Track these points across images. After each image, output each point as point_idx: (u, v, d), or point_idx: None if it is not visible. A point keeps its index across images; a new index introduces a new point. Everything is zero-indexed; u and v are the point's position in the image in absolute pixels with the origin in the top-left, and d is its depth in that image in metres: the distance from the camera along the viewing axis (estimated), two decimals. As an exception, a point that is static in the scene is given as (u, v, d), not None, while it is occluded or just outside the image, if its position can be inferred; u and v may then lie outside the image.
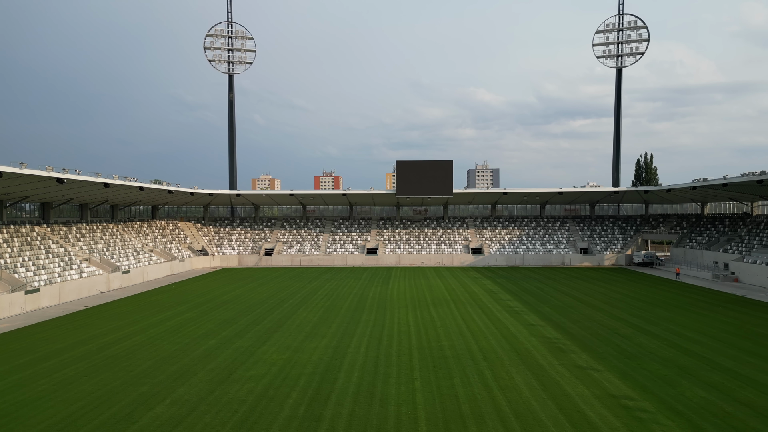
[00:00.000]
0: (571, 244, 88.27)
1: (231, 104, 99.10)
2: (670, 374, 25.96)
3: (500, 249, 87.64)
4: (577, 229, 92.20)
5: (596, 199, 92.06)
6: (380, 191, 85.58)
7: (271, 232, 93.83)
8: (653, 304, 46.15)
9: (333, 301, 48.99)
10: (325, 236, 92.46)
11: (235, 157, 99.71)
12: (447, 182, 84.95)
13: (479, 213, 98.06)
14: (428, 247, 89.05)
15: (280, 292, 54.74)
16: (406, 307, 45.18)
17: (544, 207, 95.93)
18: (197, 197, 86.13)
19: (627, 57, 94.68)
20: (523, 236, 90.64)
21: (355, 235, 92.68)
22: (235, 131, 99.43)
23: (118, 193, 68.21)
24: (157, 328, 37.50)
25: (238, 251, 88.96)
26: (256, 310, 44.57)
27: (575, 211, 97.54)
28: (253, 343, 32.80)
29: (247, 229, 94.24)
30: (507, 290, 55.39)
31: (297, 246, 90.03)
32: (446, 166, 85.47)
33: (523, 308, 44.50)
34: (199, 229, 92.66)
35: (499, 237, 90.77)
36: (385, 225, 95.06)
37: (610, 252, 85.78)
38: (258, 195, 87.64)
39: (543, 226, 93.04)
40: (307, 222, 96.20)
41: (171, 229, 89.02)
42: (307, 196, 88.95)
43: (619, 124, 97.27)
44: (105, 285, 58.20)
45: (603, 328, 36.67)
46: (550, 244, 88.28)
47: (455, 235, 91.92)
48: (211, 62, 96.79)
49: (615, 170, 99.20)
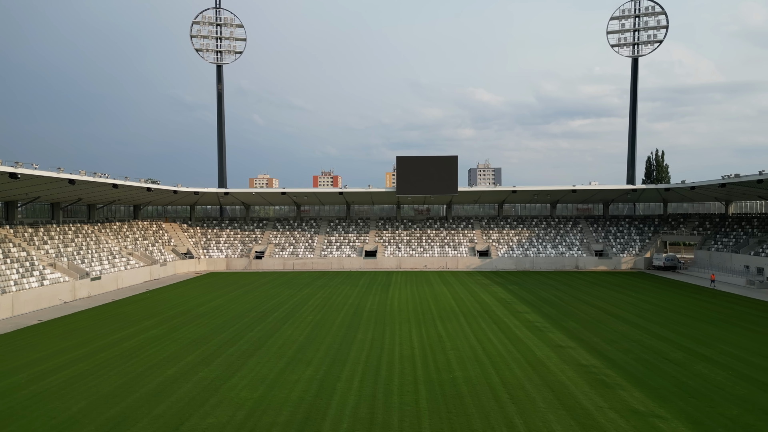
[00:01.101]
0: (584, 247, 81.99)
1: (220, 96, 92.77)
2: (757, 423, 19.70)
3: (508, 251, 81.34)
4: (590, 230, 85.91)
5: (611, 197, 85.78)
6: (379, 189, 79.32)
7: (263, 233, 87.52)
8: (695, 318, 39.87)
9: (325, 313, 42.70)
10: (320, 238, 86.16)
11: (224, 153, 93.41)
12: (451, 179, 78.65)
13: (485, 213, 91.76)
14: (431, 249, 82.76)
15: (266, 302, 48.45)
16: (408, 322, 38.89)
17: (554, 206, 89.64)
18: (182, 196, 79.83)
19: (644, 45, 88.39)
20: (533, 237, 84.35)
21: (352, 236, 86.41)
22: (224, 126, 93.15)
23: (90, 191, 61.89)
24: (111, 351, 31.20)
25: (227, 254, 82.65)
26: (234, 325, 38.27)
27: (588, 210, 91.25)
28: (220, 373, 26.51)
29: (236, 231, 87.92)
30: (522, 299, 49.11)
31: (290, 248, 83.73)
32: (450, 162, 79.19)
33: (545, 323, 38.23)
34: (185, 230, 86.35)
35: (507, 239, 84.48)
36: (385, 226, 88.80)
37: (628, 255, 79.49)
38: (248, 194, 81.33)
39: (554, 227, 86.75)
40: (301, 222, 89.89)
41: (154, 230, 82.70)
42: (300, 194, 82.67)
43: (635, 118, 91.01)
44: (70, 294, 51.87)
45: (647, 350, 30.39)
46: (562, 247, 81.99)
47: (460, 236, 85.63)
48: (198, 51, 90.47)
49: (630, 167, 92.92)
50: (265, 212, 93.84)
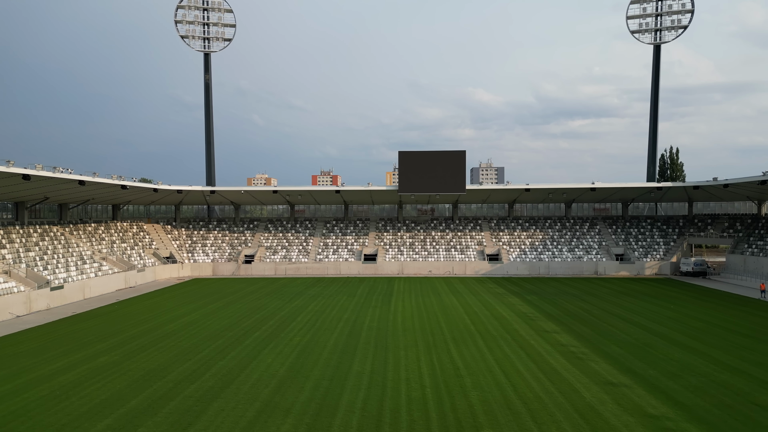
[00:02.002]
0: (603, 250, 75.15)
1: (207, 87, 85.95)
2: None
3: (521, 255, 74.49)
4: (609, 232, 79.07)
5: (631, 196, 78.95)
6: (380, 187, 72.51)
7: (253, 235, 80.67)
8: (761, 340, 33.04)
9: (315, 332, 35.89)
10: (316, 240, 79.32)
11: (212, 148, 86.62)
12: (458, 177, 71.82)
13: (494, 213, 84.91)
14: (436, 253, 75.91)
15: (248, 318, 41.62)
16: (416, 346, 32.07)
17: (569, 206, 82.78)
18: (164, 195, 73.01)
19: (667, 31, 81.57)
20: (547, 240, 77.50)
21: (350, 238, 79.58)
22: (212, 119, 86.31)
23: (55, 189, 55.12)
24: (35, 391, 24.38)
25: (213, 258, 75.80)
26: (203, 350, 31.46)
27: (605, 210, 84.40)
28: (167, 429, 19.68)
29: (225, 232, 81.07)
30: (545, 314, 42.27)
31: (282, 252, 76.88)
32: (458, 157, 72.36)
33: (582, 347, 31.40)
34: (169, 232, 79.51)
35: (519, 241, 77.61)
36: (386, 227, 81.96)
37: (651, 259, 72.65)
38: (236, 192, 74.47)
39: (569, 229, 79.89)
40: (295, 224, 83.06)
41: (134, 232, 75.86)
42: (294, 193, 75.83)
43: (656, 111, 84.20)
44: (24, 306, 45.05)
45: (724, 390, 23.56)
46: (579, 250, 75.14)
47: (467, 238, 78.78)
48: (184, 38, 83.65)
49: (651, 163, 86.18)
50: (256, 212, 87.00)
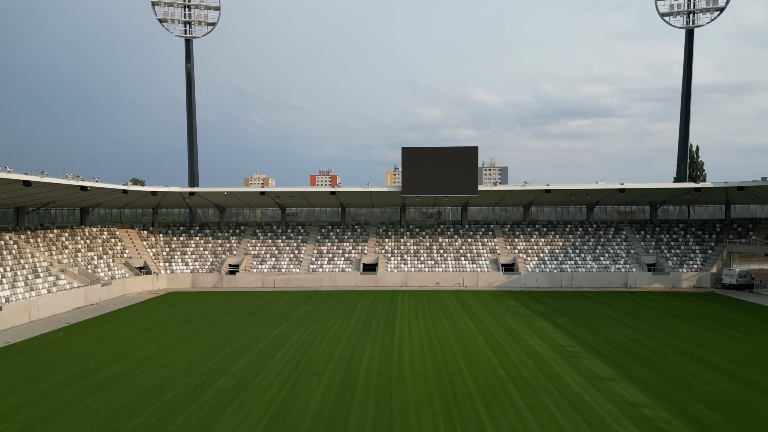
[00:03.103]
0: (632, 258, 66.69)
1: (189, 77, 77.51)
2: None
3: (540, 265, 66.03)
4: (637, 238, 70.60)
5: (662, 198, 70.55)
6: (380, 188, 64.16)
7: (239, 241, 72.21)
8: None
9: (296, 381, 27.44)
10: (309, 247, 70.86)
11: (195, 145, 78.21)
12: (470, 177, 63.39)
13: (508, 217, 76.40)
14: (444, 262, 67.45)
15: (217, 353, 33.18)
16: (431, 406, 23.61)
17: (592, 209, 74.28)
18: (137, 197, 64.62)
19: (701, 14, 73.10)
20: (568, 247, 69.04)
21: (347, 245, 71.11)
22: (194, 113, 77.87)
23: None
24: None
25: (193, 268, 67.35)
26: (141, 413, 23.02)
27: (632, 214, 75.93)
28: None
29: (207, 238, 72.61)
30: (588, 347, 33.82)
31: (271, 261, 68.43)
32: (468, 154, 63.90)
33: (657, 408, 22.97)
34: (145, 238, 71.02)
35: (537, 249, 69.15)
36: (387, 232, 73.49)
37: (688, 269, 64.23)
38: (219, 194, 66.00)
39: (592, 234, 71.42)
40: (286, 228, 74.58)
41: (104, 238, 67.43)
42: (284, 194, 67.40)
43: (689, 103, 75.90)
44: (-58, 336, 36.63)
45: None
46: (605, 259, 66.69)
47: (479, 245, 70.32)
48: (162, 22, 75.19)
49: (681, 161, 77.91)
50: (243, 216, 78.45)
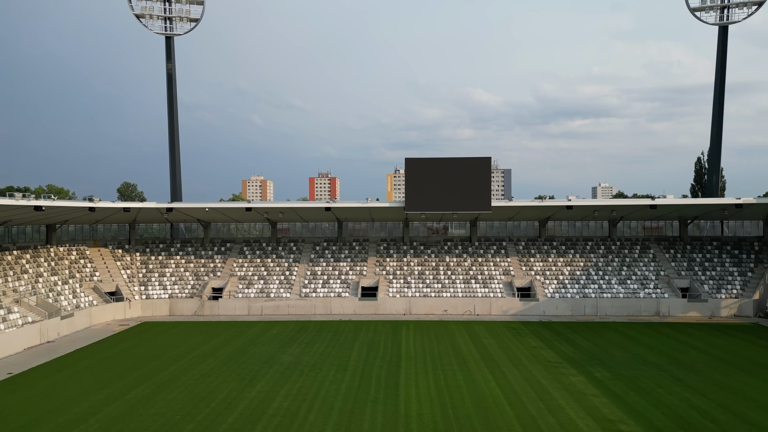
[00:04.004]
0: (663, 282, 59.59)
1: (170, 78, 70.33)
2: None
3: (559, 289, 58.93)
4: (666, 258, 63.47)
5: (694, 213, 63.52)
6: (381, 204, 57.14)
7: (224, 261, 65.07)
8: None
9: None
10: (302, 268, 63.73)
11: (177, 154, 71.06)
12: (482, 191, 56.28)
13: (522, 233, 69.22)
14: (452, 285, 60.34)
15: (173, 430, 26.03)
16: None
17: (614, 225, 67.10)
18: (108, 213, 57.55)
19: (736, 9, 66.02)
20: (590, 268, 61.94)
21: (344, 265, 63.98)
22: (176, 118, 70.70)
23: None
24: None
25: (172, 292, 60.22)
26: None
27: (659, 230, 68.74)
28: None
29: (189, 257, 65.46)
30: (643, 422, 26.66)
31: (259, 284, 61.32)
32: (480, 166, 56.78)
33: None
34: (119, 258, 63.87)
35: (555, 270, 62.03)
36: (388, 250, 66.34)
37: (727, 295, 57.14)
38: (200, 210, 58.86)
39: (616, 253, 64.29)
40: (277, 246, 67.42)
41: (72, 259, 60.28)
42: (273, 210, 60.34)
43: (722, 106, 68.88)
44: None
45: None
46: (632, 282, 59.58)
47: (490, 266, 63.21)
48: (140, 18, 68.02)
49: (713, 170, 70.74)
50: (229, 232, 71.23)
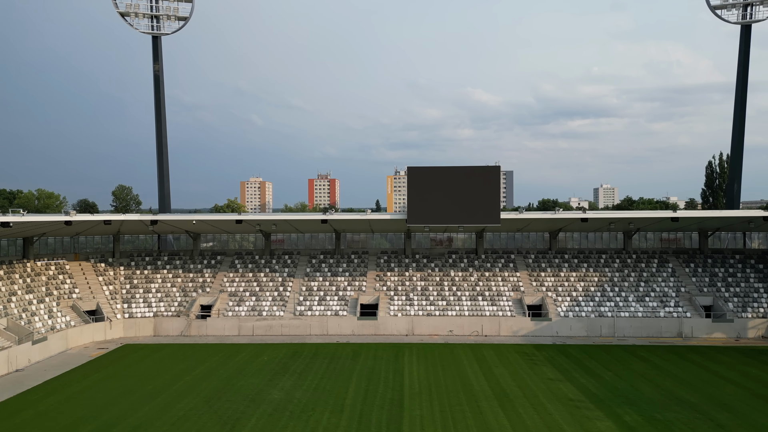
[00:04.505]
0: (684, 299, 55.55)
1: (157, 81, 66.21)
2: None
3: (573, 307, 54.87)
4: (686, 272, 59.42)
5: (715, 225, 59.49)
6: (381, 216, 53.30)
7: (215, 275, 61.00)
8: None
9: None
10: (297, 283, 59.65)
11: (165, 161, 66.98)
12: (490, 202, 52.24)
13: (531, 245, 65.09)
14: (458, 302, 56.28)
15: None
16: None
17: (630, 236, 62.98)
18: (87, 226, 53.51)
19: (761, 5, 61.91)
20: (605, 284, 57.89)
21: (342, 280, 59.92)
22: (164, 122, 66.62)
23: None
24: None
25: (157, 310, 56.16)
26: None
27: (677, 241, 64.61)
28: None
29: (177, 271, 61.37)
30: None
31: (251, 300, 57.26)
32: (488, 176, 52.76)
33: None
34: (102, 273, 59.79)
35: (568, 285, 57.98)
36: (389, 263, 62.24)
37: (753, 314, 53.13)
38: (187, 222, 54.78)
39: (633, 267, 60.22)
40: (270, 258, 63.33)
41: (51, 275, 56.24)
42: (266, 222, 56.30)
43: (744, 108, 64.77)
44: None
45: None
46: (651, 299, 55.53)
47: (498, 280, 59.15)
48: (125, 17, 63.93)
49: (734, 178, 66.57)
50: (220, 243, 67.06)
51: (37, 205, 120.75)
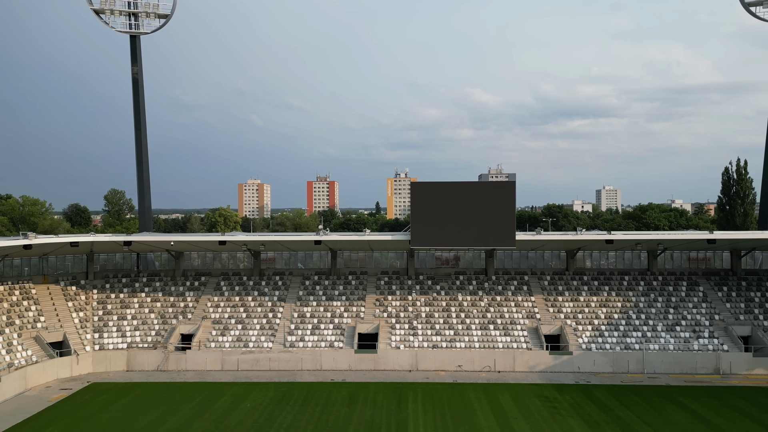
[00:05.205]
0: (719, 329, 49.83)
1: (136, 84, 60.41)
2: None
3: (596, 338, 49.13)
4: (719, 297, 53.70)
5: (750, 245, 53.78)
6: (382, 237, 47.61)
7: (197, 298, 55.28)
8: None
9: None
10: (288, 308, 53.92)
11: (144, 170, 61.18)
12: (505, 223, 46.50)
13: (546, 265, 59.31)
14: (467, 331, 50.55)
15: None
16: None
17: (656, 256, 57.22)
18: (51, 248, 47.79)
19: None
20: (630, 310, 52.18)
21: (338, 305, 54.18)
22: (143, 131, 60.82)
23: None
24: None
25: (131, 340, 50.44)
26: None
27: (706, 261, 58.84)
28: None
29: (156, 294, 55.65)
30: None
31: (237, 329, 51.53)
32: (502, 193, 47.08)
33: None
34: (72, 297, 54.04)
35: (589, 312, 52.26)
36: (390, 285, 56.49)
37: (799, 347, 47.34)
38: (165, 243, 49.02)
39: (659, 291, 54.50)
40: (260, 280, 57.58)
41: (14, 301, 50.49)
42: (254, 243, 50.57)
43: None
44: None
45: None
46: (682, 329, 49.82)
47: (511, 306, 53.43)
48: (99, 15, 58.18)
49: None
50: (205, 262, 61.15)
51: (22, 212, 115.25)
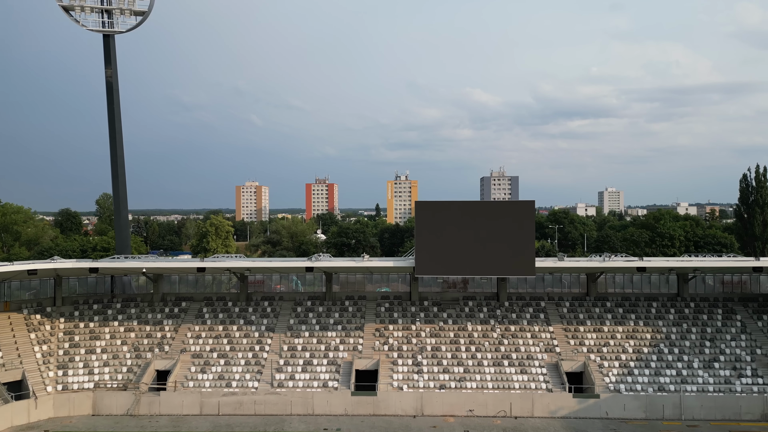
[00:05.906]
0: (762, 365, 44.12)
1: (110, 88, 54.57)
2: None
3: (624, 377, 43.34)
4: (758, 327, 47.96)
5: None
6: (383, 264, 42.10)
7: (176, 327, 49.48)
8: None
9: None
10: (277, 340, 48.14)
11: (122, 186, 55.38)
12: (523, 247, 40.79)
13: (565, 289, 53.45)
14: (478, 369, 44.74)
15: None
16: None
17: (686, 279, 51.42)
18: (8, 276, 42.02)
19: None
20: (661, 343, 46.43)
21: (333, 335, 48.40)
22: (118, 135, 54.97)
23: None
24: None
25: (99, 378, 44.64)
26: None
27: (741, 285, 53.04)
28: None
29: (131, 323, 49.85)
30: None
31: (219, 364, 45.72)
32: (520, 214, 41.34)
33: None
34: (35, 328, 48.21)
35: (615, 345, 46.49)
36: (391, 312, 50.68)
37: None
38: (136, 270, 43.20)
39: (692, 320, 48.75)
40: (246, 305, 51.77)
41: (-34, 334, 44.70)
42: (239, 269, 44.75)
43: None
44: None
45: None
46: (721, 366, 44.07)
47: (527, 337, 47.66)
48: (69, 12, 52.34)
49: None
50: (187, 286, 55.20)
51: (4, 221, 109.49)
